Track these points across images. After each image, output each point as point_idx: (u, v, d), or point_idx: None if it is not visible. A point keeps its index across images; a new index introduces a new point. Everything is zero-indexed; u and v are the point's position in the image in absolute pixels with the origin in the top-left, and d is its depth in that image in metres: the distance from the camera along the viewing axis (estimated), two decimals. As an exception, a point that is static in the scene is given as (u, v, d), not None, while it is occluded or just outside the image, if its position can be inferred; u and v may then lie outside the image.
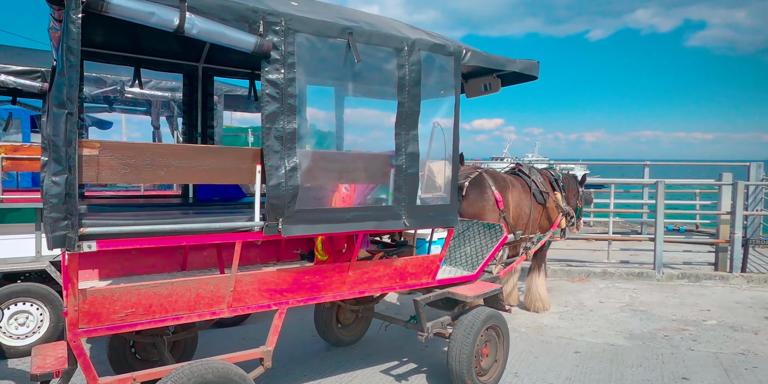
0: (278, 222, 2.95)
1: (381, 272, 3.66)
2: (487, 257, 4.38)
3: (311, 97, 3.53)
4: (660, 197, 7.89)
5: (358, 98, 3.42)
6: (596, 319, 6.06)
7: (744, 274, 7.76)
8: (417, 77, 3.45)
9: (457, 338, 3.90)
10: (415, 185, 3.51)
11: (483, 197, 5.47)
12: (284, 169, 2.93)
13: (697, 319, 6.04)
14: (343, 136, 3.70)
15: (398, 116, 3.40)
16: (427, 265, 3.90)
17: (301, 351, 4.98)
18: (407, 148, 3.45)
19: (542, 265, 6.47)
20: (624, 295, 7.15)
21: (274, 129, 2.91)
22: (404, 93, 3.40)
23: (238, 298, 3.11)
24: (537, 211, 6.03)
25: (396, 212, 3.44)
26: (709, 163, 11.34)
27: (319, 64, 3.12)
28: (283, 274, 3.23)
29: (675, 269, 8.19)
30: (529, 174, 6.13)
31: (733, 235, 7.74)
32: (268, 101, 2.89)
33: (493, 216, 5.47)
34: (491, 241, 4.52)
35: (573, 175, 7.14)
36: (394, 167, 3.41)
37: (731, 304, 6.71)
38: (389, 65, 3.33)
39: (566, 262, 8.77)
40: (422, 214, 3.61)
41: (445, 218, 3.73)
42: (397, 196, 3.44)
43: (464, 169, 6.11)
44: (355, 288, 3.59)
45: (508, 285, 6.65)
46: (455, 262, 4.58)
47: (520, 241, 5.73)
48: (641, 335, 5.49)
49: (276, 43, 2.88)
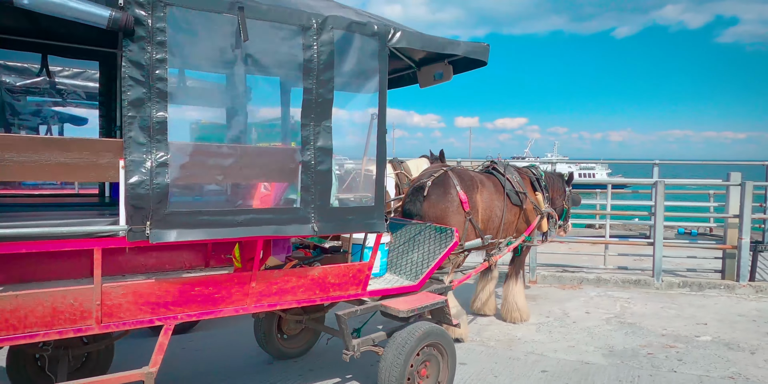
0: (145, 226, 2.54)
1: (294, 283, 3.22)
2: (432, 265, 3.91)
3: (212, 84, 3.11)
4: (659, 198, 7.26)
5: (258, 85, 2.98)
6: (577, 333, 5.51)
7: (752, 283, 7.08)
8: (329, 60, 3.00)
9: (388, 358, 3.44)
10: (328, 184, 3.06)
11: (446, 198, 4.98)
12: (150, 164, 2.52)
13: (690, 334, 5.44)
14: (249, 129, 3.27)
15: (304, 105, 2.96)
16: (354, 275, 3.45)
17: (241, 363, 4.57)
18: (317, 141, 3.00)
19: (520, 271, 5.95)
20: (615, 305, 6.56)
21: (139, 118, 2.50)
22: (312, 78, 2.95)
23: (110, 313, 2.71)
24: (512, 213, 5.50)
25: (303, 215, 2.99)
26: (725, 162, 10.58)
27: (201, 43, 2.70)
28: (165, 284, 2.81)
29: (676, 277, 7.55)
30: (504, 172, 5.61)
31: (741, 240, 7.07)
32: (131, 85, 2.48)
33: (458, 218, 4.98)
34: (440, 248, 4.04)
35: (559, 173, 6.58)
36: (300, 163, 2.97)
37: (733, 317, 6.07)
38: (292, 46, 2.89)
39: (563, 268, 8.19)
40: (339, 217, 3.16)
41: (367, 222, 3.26)
42: (305, 197, 3.00)
43: (430, 168, 5.64)
44: (262, 301, 3.15)
45: (484, 293, 6.15)
46: (400, 270, 4.11)
47: (489, 247, 5.22)
48: (622, 352, 4.93)
49: (140, 18, 2.47)
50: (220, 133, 3.18)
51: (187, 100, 2.88)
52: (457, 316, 5.14)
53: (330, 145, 3.04)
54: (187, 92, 2.82)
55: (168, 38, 2.53)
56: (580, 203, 6.69)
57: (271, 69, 2.86)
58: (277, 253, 3.47)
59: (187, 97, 2.85)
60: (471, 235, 5.08)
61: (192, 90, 2.86)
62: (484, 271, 6.15)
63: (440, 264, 3.96)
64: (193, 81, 2.90)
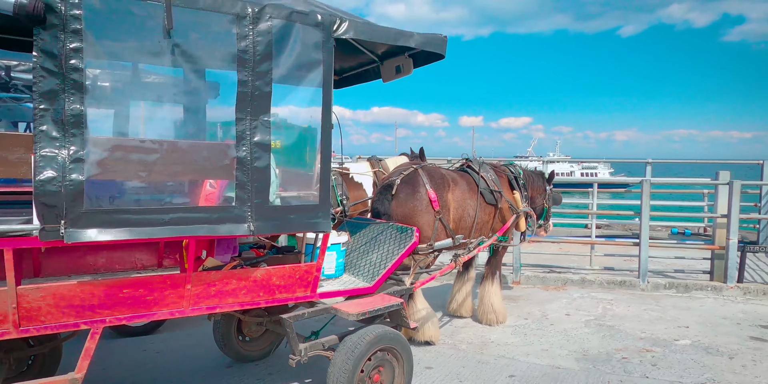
0: (60, 225, 2.40)
1: (235, 285, 3.08)
2: (389, 266, 3.76)
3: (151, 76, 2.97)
4: (645, 197, 7.08)
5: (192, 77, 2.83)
6: (553, 335, 5.35)
7: (740, 285, 6.89)
8: (266, 51, 2.85)
9: (336, 363, 3.30)
10: (266, 181, 2.91)
11: (415, 197, 4.83)
12: (64, 160, 2.38)
13: (669, 337, 5.26)
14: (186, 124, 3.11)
15: (239, 98, 2.81)
16: (301, 276, 3.30)
17: (199, 366, 4.44)
18: (253, 136, 2.85)
19: (496, 272, 5.78)
20: (597, 307, 6.39)
21: (52, 110, 2.36)
22: (247, 70, 2.81)
23: (29, 317, 2.58)
24: (486, 212, 5.35)
25: (238, 214, 2.85)
26: (720, 162, 10.37)
27: (122, 32, 2.55)
28: (89, 286, 2.68)
29: (663, 278, 7.37)
30: (479, 170, 5.45)
31: (729, 240, 6.88)
32: (43, 76, 2.34)
33: (427, 218, 4.84)
34: (399, 248, 3.90)
35: (540, 172, 6.41)
36: (234, 159, 2.82)
37: (717, 319, 5.89)
38: (225, 36, 2.75)
39: (550, 268, 8.02)
40: (279, 216, 3.01)
41: (311, 221, 3.11)
42: (240, 195, 2.85)
43: (401, 165, 5.49)
44: (200, 303, 3.01)
45: (460, 294, 6.00)
46: (358, 271, 3.96)
47: (460, 247, 5.07)
48: (596, 356, 4.76)
49: (52, 4, 2.33)
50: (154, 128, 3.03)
51: (111, 92, 2.73)
52: (427, 319, 5.00)
53: (268, 140, 2.89)
54: (110, 84, 2.67)
55: (84, 26, 2.39)
56: (561, 202, 6.52)
57: (201, 60, 2.71)
58: (222, 254, 3.33)
59: (110, 89, 2.70)
60: (441, 234, 4.93)
61: (116, 81, 2.71)
62: (461, 271, 6.01)
63: (398, 265, 3.82)
64: (119, 72, 2.75)
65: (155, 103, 2.89)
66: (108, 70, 2.67)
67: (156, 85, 2.86)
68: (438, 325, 5.13)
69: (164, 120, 2.88)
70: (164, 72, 2.79)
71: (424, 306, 5.04)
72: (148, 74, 2.92)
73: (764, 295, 6.76)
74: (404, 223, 4.81)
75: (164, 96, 2.87)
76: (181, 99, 2.92)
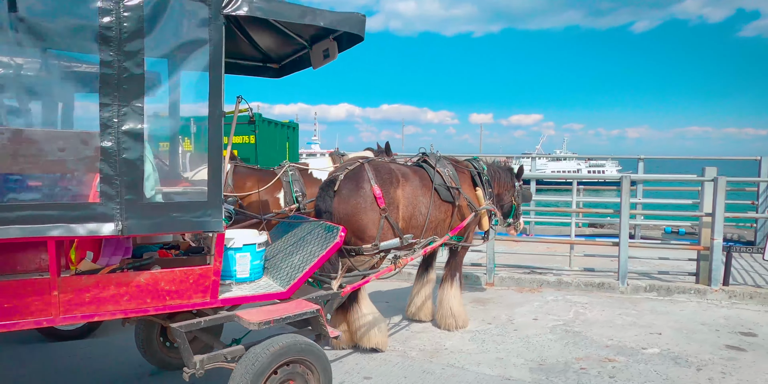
0: None
1: (113, 291, 2.77)
2: (306, 269, 3.43)
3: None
4: (625, 195, 6.66)
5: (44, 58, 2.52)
6: (513, 342, 4.99)
7: (725, 288, 6.46)
8: (136, 28, 2.53)
9: (235, 377, 2.98)
10: (138, 175, 2.59)
11: (358, 193, 4.50)
12: None
13: (637, 346, 4.88)
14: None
15: (102, 80, 2.49)
16: (196, 281, 2.98)
17: (121, 373, 4.15)
18: (122, 124, 2.53)
19: (456, 274, 5.43)
20: (569, 311, 6.01)
21: None
22: (112, 48, 2.49)
23: None
24: (441, 210, 5.00)
25: (104, 212, 2.54)
26: (715, 158, 9.90)
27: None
28: (-71, 293, 2.38)
29: (645, 280, 6.96)
30: (435, 165, 5.10)
31: (713, 241, 6.45)
32: None
33: (372, 216, 4.50)
34: (320, 249, 3.56)
35: (508, 167, 6.03)
36: (98, 150, 2.50)
37: (694, 325, 5.49)
38: (83, 10, 2.43)
39: (530, 269, 7.63)
40: (158, 214, 2.69)
41: (198, 220, 2.79)
42: (106, 190, 2.54)
43: (348, 160, 5.16)
44: (73, 311, 2.71)
45: (419, 297, 5.65)
46: (278, 274, 3.63)
47: (409, 247, 4.72)
48: (552, 366, 4.40)
49: None
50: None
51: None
52: (373, 324, 4.67)
53: (140, 128, 2.57)
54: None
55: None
56: (531, 199, 6.15)
57: (53, 38, 2.41)
58: (110, 255, 3.01)
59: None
60: (388, 234, 4.59)
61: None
62: (419, 273, 5.67)
63: (317, 267, 3.48)
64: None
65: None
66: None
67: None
68: (386, 330, 4.79)
69: (8, 107, 2.56)
70: (11, 53, 2.47)
71: (370, 310, 4.71)
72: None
73: (751, 299, 6.33)
74: (347, 222, 4.48)
75: (10, 80, 2.55)
76: (35, 84, 2.60)
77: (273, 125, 10.44)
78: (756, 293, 6.33)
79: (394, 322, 5.59)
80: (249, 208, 5.61)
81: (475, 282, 7.20)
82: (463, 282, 5.66)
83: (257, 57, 4.50)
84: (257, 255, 3.53)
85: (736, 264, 8.11)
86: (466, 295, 6.60)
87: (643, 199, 9.86)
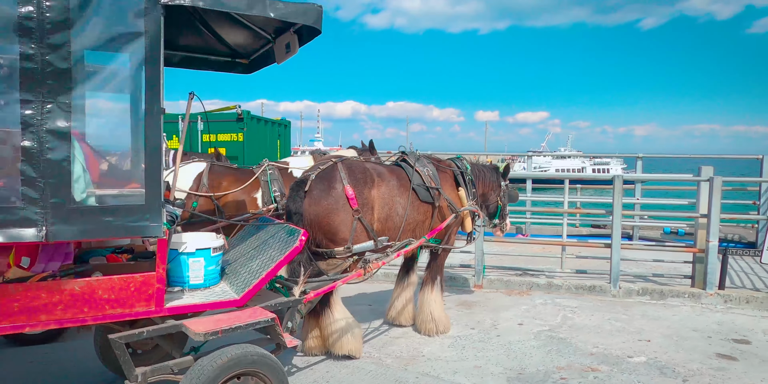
0: None
1: (45, 299, 2.60)
2: (263, 275, 3.24)
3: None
4: (617, 195, 6.43)
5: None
6: (493, 349, 4.79)
7: (721, 292, 6.23)
8: (62, 19, 2.35)
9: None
10: (65, 177, 2.42)
11: (329, 194, 4.31)
12: None
13: (623, 354, 4.66)
14: None
15: (23, 74, 2.31)
16: (137, 288, 2.81)
17: (80, 382, 4.00)
18: (45, 122, 2.36)
19: (437, 277, 5.23)
20: (557, 316, 5.80)
21: None
22: (33, 40, 2.31)
23: None
24: (419, 211, 4.80)
25: (27, 216, 2.36)
26: (716, 156, 9.63)
27: None
28: None
29: (638, 283, 6.73)
30: (414, 165, 4.90)
31: (708, 243, 6.22)
32: None
33: (344, 217, 4.32)
34: (279, 254, 3.38)
35: (494, 166, 5.82)
36: (19, 150, 2.33)
37: (686, 332, 5.26)
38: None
39: (522, 271, 7.43)
40: (89, 219, 2.51)
41: (135, 225, 2.61)
42: (28, 193, 2.36)
43: (321, 159, 4.96)
44: (1, 321, 2.54)
45: (399, 301, 5.46)
46: (236, 280, 3.44)
47: (383, 250, 4.53)
48: (531, 376, 4.20)
49: None
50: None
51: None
52: (346, 330, 4.48)
53: (67, 127, 2.40)
54: None
55: None
56: (517, 199, 5.93)
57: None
58: (46, 262, 2.84)
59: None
60: (362, 236, 4.40)
61: None
62: (400, 275, 5.48)
63: (274, 273, 3.29)
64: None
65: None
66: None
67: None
68: (361, 336, 4.60)
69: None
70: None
71: (343, 316, 4.52)
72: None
73: (747, 304, 6.10)
74: (318, 224, 4.31)
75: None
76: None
77: (263, 123, 10.28)
78: (752, 297, 6.09)
79: (373, 327, 5.41)
80: (225, 208, 5.44)
81: (463, 284, 7.00)
82: (445, 285, 5.46)
83: (226, 52, 4.32)
84: (212, 260, 3.35)
85: (735, 266, 7.88)
86: (452, 298, 6.41)
87: (641, 199, 9.62)
